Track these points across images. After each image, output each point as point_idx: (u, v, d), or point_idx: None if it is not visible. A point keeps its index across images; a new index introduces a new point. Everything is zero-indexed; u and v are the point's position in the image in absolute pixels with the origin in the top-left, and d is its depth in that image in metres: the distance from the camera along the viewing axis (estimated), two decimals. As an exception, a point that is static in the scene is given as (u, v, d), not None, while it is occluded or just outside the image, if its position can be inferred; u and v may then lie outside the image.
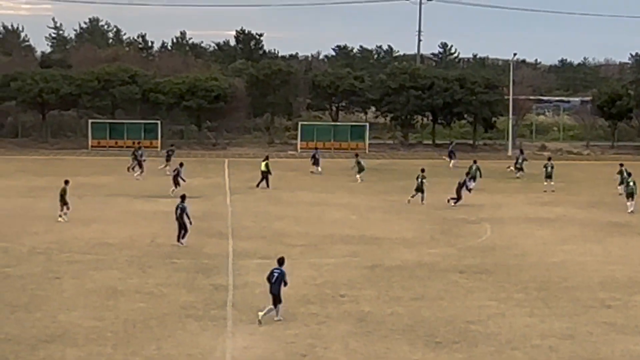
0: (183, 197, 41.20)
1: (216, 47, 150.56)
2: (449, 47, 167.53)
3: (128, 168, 67.69)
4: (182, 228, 39.63)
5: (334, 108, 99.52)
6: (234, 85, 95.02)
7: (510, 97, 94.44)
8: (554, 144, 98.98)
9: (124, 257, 36.78)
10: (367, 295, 31.06)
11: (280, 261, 28.82)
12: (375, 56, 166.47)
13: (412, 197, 53.09)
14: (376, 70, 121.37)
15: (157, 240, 40.68)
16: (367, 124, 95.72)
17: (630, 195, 51.75)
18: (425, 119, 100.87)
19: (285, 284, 28.19)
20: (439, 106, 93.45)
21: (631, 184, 52.63)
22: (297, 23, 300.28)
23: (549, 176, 61.15)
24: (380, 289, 32.11)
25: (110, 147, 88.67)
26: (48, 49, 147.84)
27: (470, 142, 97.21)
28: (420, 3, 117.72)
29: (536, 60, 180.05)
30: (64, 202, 46.09)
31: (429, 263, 36.65)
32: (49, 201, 52.21)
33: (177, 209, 40.07)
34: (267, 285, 27.84)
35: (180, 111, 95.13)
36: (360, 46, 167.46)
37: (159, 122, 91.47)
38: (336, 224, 45.73)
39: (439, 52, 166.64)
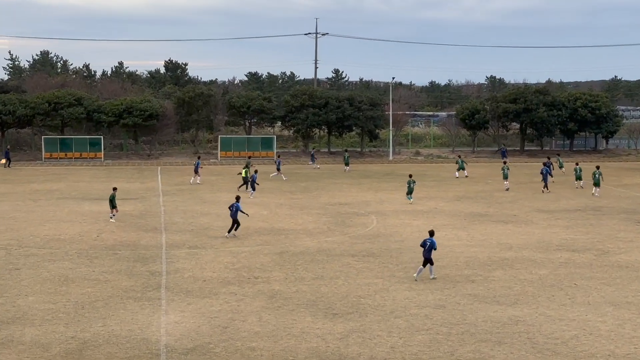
0: (238, 198, 40.88)
1: (149, 75, 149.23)
2: (340, 72, 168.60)
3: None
4: (235, 223, 39.55)
5: (247, 124, 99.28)
6: (164, 106, 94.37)
7: (391, 113, 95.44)
8: (426, 150, 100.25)
9: (74, 250, 36.11)
10: (276, 277, 31.03)
11: (431, 233, 31.27)
12: (280, 80, 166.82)
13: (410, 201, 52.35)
14: (281, 92, 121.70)
15: (102, 235, 40.04)
16: (275, 136, 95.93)
17: (506, 177, 60.64)
18: (321, 131, 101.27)
19: (435, 249, 30.66)
20: (333, 121, 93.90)
21: (506, 170, 61.13)
22: (216, 54, 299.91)
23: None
24: (287, 271, 32.10)
25: (60, 158, 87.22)
26: (5, 77, 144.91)
27: (359, 149, 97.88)
28: (317, 37, 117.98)
29: (411, 82, 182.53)
30: (113, 205, 44.70)
31: (327, 249, 36.75)
32: (9, 204, 51.12)
33: (232, 207, 39.91)
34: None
35: (120, 128, 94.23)
36: (268, 72, 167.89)
37: (101, 137, 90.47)
38: (250, 219, 45.50)
39: (332, 77, 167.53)
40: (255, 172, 58.31)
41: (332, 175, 70.89)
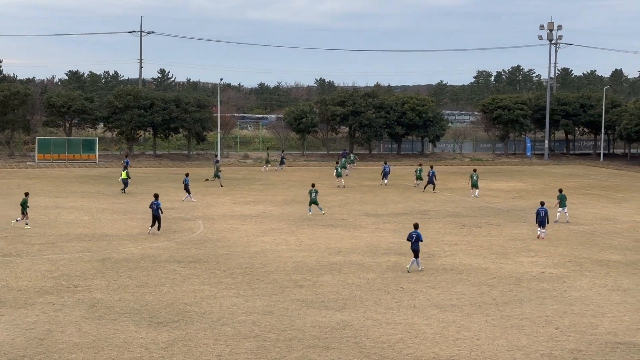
0: (156, 196, 42.62)
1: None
2: (166, 72, 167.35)
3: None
4: (158, 221, 41.70)
5: (67, 124, 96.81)
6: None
7: (219, 115, 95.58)
8: (256, 153, 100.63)
9: None
10: (98, 285, 30.43)
11: (416, 226, 34.15)
12: (104, 80, 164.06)
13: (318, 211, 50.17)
14: (104, 92, 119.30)
15: None
16: (97, 138, 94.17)
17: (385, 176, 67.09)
18: (147, 133, 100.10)
19: (422, 240, 33.61)
20: (159, 122, 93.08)
21: (339, 169, 66.90)
22: (34, 51, 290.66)
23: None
24: (109, 278, 31.54)
25: None
26: None
27: (186, 152, 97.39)
28: (141, 35, 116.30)
29: (239, 84, 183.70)
30: (24, 210, 43.54)
31: (152, 255, 36.34)
32: None
33: (152, 205, 41.88)
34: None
35: None
36: (90, 71, 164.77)
37: None
38: (70, 225, 44.51)
39: (158, 77, 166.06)
40: (187, 175, 57.80)
41: (157, 179, 70.13)
